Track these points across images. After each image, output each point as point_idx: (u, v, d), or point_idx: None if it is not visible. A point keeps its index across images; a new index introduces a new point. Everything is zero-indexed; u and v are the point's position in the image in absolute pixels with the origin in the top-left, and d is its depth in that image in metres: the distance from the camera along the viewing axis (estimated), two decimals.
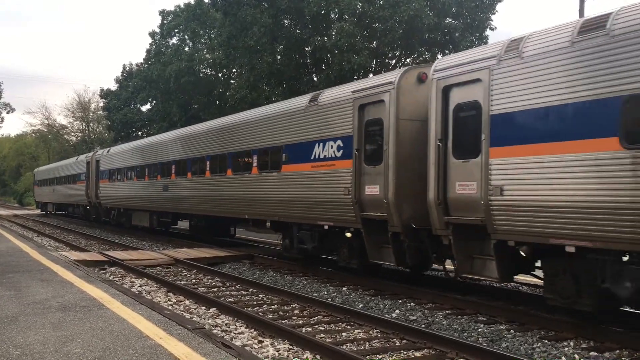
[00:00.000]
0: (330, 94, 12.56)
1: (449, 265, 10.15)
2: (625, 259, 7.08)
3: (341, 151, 11.71)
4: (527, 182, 7.97)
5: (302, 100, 13.60)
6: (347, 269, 12.23)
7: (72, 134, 79.48)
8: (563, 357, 6.93)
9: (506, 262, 8.62)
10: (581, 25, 7.61)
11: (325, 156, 12.20)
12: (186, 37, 42.60)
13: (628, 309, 8.38)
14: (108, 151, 29.43)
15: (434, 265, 11.18)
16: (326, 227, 12.21)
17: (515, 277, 9.39)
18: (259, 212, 14.73)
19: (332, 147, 12.00)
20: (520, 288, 11.27)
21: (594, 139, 7.16)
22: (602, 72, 7.15)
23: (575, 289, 7.75)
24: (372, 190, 10.93)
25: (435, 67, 9.81)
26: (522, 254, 8.32)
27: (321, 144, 12.31)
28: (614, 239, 6.94)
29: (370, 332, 8.05)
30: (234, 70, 38.06)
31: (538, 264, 8.71)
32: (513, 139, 8.26)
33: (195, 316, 8.83)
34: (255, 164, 14.96)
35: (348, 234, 11.67)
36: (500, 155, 8.41)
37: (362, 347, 7.33)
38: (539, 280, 9.51)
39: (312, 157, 12.58)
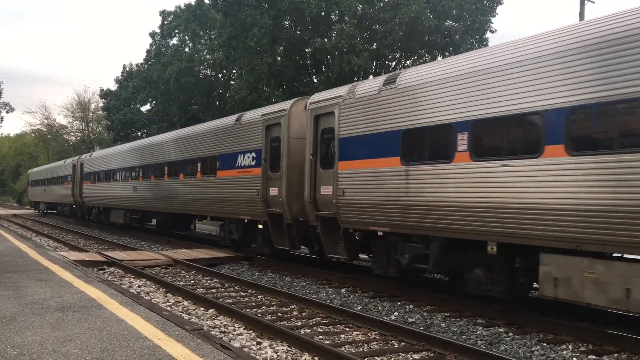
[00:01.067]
0: (249, 116, 15.91)
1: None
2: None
3: (255, 161, 14.99)
4: (357, 186, 11.26)
5: (230, 120, 16.96)
6: (263, 254, 15.42)
7: (72, 134, 79.47)
8: None
9: (351, 245, 11.85)
10: (384, 80, 10.98)
11: (245, 164, 15.51)
12: (186, 37, 42.62)
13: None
14: (90, 155, 32.58)
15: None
16: (246, 220, 15.48)
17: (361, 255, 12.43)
18: (203, 209, 18.23)
19: (249, 157, 15.30)
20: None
21: (388, 157, 10.51)
22: (392, 113, 10.49)
23: (386, 261, 10.96)
24: (273, 191, 14.13)
25: (310, 101, 13.08)
26: (357, 237, 11.61)
27: (243, 155, 15.63)
28: (400, 226, 10.30)
29: (369, 334, 8.04)
30: (234, 71, 38.08)
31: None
32: (350, 155, 11.49)
33: (193, 317, 8.82)
34: (199, 170, 18.24)
35: (260, 226, 15.04)
36: (344, 167, 11.64)
37: (361, 349, 7.33)
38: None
39: (237, 165, 15.89)
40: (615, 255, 7.44)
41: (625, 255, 7.33)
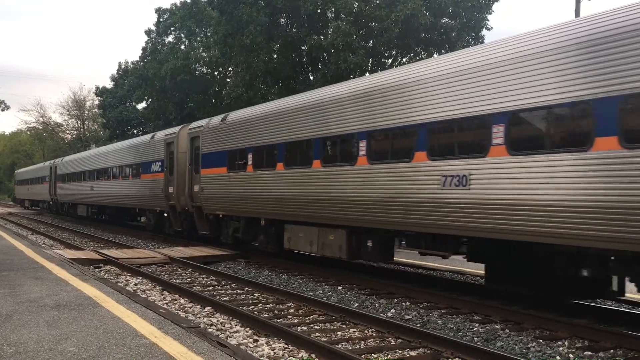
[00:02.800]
0: (158, 136, 22.24)
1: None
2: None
3: (160, 167, 20.96)
4: (211, 185, 16.94)
5: (147, 137, 23.81)
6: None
7: (67, 132, 79.15)
8: (558, 357, 6.95)
9: (212, 224, 17.56)
10: (222, 117, 16.89)
11: (155, 170, 21.45)
12: (182, 35, 42.43)
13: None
14: (62, 160, 39.19)
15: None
16: (158, 210, 21.94)
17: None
18: (135, 203, 24.61)
19: (157, 165, 21.28)
20: None
21: (222, 167, 16.24)
22: (223, 139, 16.39)
23: (226, 233, 16.83)
24: (170, 189, 19.94)
25: (189, 128, 19.36)
26: (210, 219, 17.50)
27: (155, 163, 21.59)
28: (227, 210, 16.28)
29: (366, 331, 8.05)
30: (230, 68, 37.97)
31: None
32: (207, 165, 17.26)
33: (190, 315, 8.82)
34: (130, 173, 24.56)
35: (165, 214, 21.43)
36: (204, 172, 17.42)
37: (358, 346, 7.33)
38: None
39: (151, 170, 21.87)
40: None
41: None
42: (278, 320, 8.53)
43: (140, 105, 47.68)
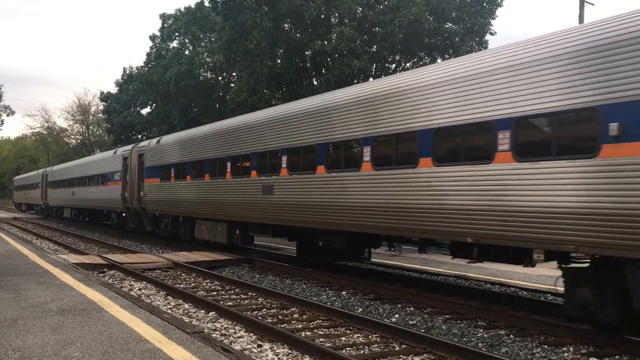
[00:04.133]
0: (118, 151, 27.01)
1: None
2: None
3: (119, 177, 25.57)
4: (151, 191, 21.86)
5: (112, 152, 28.53)
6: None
7: (72, 137, 79.50)
8: None
9: (153, 221, 22.49)
10: (157, 140, 22.27)
11: (116, 179, 26.11)
12: (186, 40, 42.59)
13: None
14: (52, 169, 44.79)
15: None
16: (119, 211, 26.58)
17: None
18: (103, 206, 29.45)
19: (118, 175, 25.93)
20: (520, 293, 11.25)
21: (156, 178, 21.64)
22: (157, 156, 21.65)
23: (162, 229, 21.75)
24: (126, 194, 24.67)
25: (138, 146, 24.12)
26: (151, 217, 22.43)
27: (116, 173, 26.24)
28: (161, 210, 21.47)
29: (370, 337, 8.03)
30: (234, 73, 38.06)
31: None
32: (148, 176, 22.10)
33: (194, 320, 8.82)
34: (99, 181, 29.23)
35: (124, 214, 26.11)
36: (146, 181, 22.24)
37: (362, 352, 7.33)
38: (540, 285, 9.55)
39: (114, 179, 26.62)
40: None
41: None
42: (282, 326, 8.53)
43: (145, 110, 47.87)
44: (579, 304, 7.66)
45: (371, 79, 25.15)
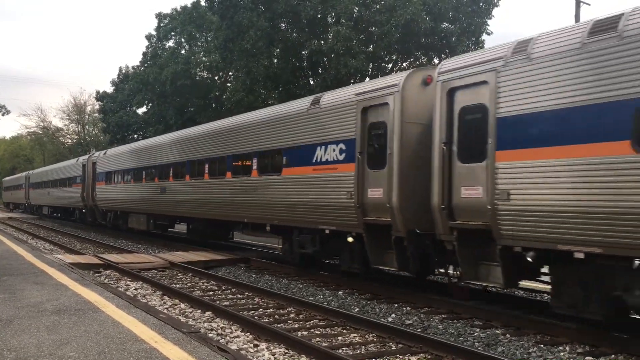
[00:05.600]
0: (79, 159, 31.80)
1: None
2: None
3: (80, 180, 30.13)
4: (100, 192, 28.24)
5: (74, 160, 32.43)
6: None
7: (68, 136, 79.39)
8: None
9: (104, 216, 28.59)
10: (104, 152, 29.18)
11: (78, 182, 31.20)
12: (182, 40, 42.53)
13: None
14: (33, 172, 51.16)
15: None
16: (81, 208, 30.86)
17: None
18: (69, 204, 34.28)
19: (79, 178, 30.51)
20: (516, 292, 11.26)
21: (103, 181, 28.40)
22: (105, 166, 28.10)
23: (109, 221, 28.13)
24: (85, 195, 30.07)
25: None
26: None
27: (78, 177, 31.22)
28: (109, 207, 27.36)
29: (366, 336, 8.03)
30: (230, 73, 38.04)
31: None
32: (99, 180, 28.22)
33: (190, 320, 8.80)
34: (66, 183, 33.89)
35: (83, 210, 30.37)
36: (97, 184, 28.52)
37: (358, 351, 7.32)
38: (536, 284, 9.58)
39: (76, 182, 31.64)
40: None
41: None
42: (278, 325, 8.52)
43: (141, 110, 47.76)
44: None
45: (367, 79, 25.18)
